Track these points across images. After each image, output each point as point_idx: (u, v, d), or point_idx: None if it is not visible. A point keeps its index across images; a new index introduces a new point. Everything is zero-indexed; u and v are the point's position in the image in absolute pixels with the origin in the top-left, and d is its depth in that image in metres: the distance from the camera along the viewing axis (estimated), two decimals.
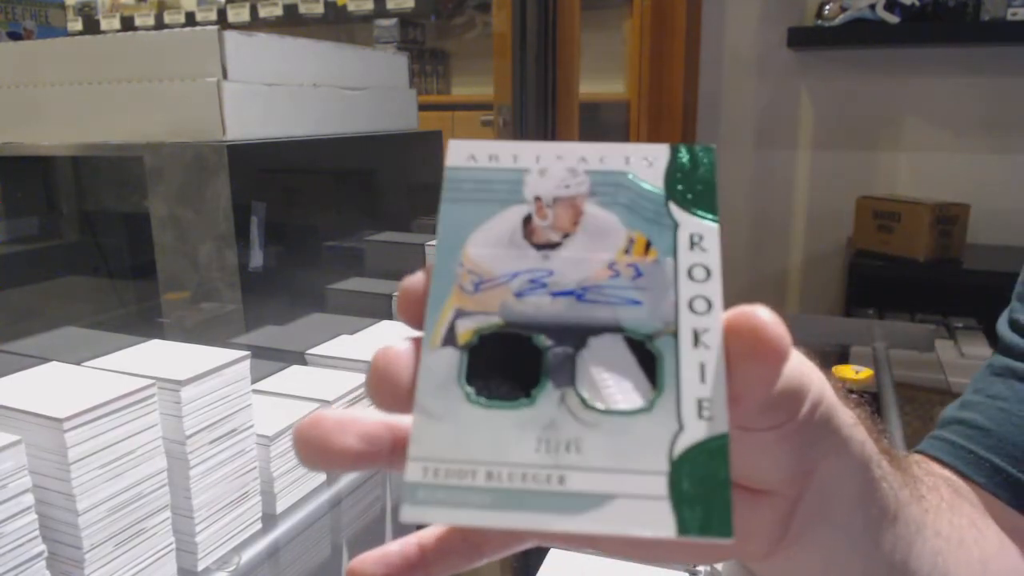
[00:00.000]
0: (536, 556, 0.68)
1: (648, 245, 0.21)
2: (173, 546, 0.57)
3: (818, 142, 2.28)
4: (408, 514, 0.18)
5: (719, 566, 0.66)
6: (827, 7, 2.05)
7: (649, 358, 0.20)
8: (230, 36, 0.81)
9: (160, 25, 3.01)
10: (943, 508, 0.36)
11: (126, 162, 0.88)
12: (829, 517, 0.27)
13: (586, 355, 0.20)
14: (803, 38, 2.14)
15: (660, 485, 0.18)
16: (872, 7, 1.97)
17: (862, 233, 2.05)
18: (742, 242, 2.38)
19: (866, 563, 0.29)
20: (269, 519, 0.66)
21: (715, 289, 0.20)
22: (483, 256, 0.21)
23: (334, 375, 0.77)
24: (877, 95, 2.18)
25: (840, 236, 2.24)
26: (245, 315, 0.80)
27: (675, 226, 0.21)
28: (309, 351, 0.82)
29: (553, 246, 0.21)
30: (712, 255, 0.21)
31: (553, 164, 0.22)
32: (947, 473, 0.45)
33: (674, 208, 0.21)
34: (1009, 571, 0.40)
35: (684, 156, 0.22)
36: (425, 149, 1.19)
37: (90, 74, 0.86)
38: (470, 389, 0.20)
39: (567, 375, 0.20)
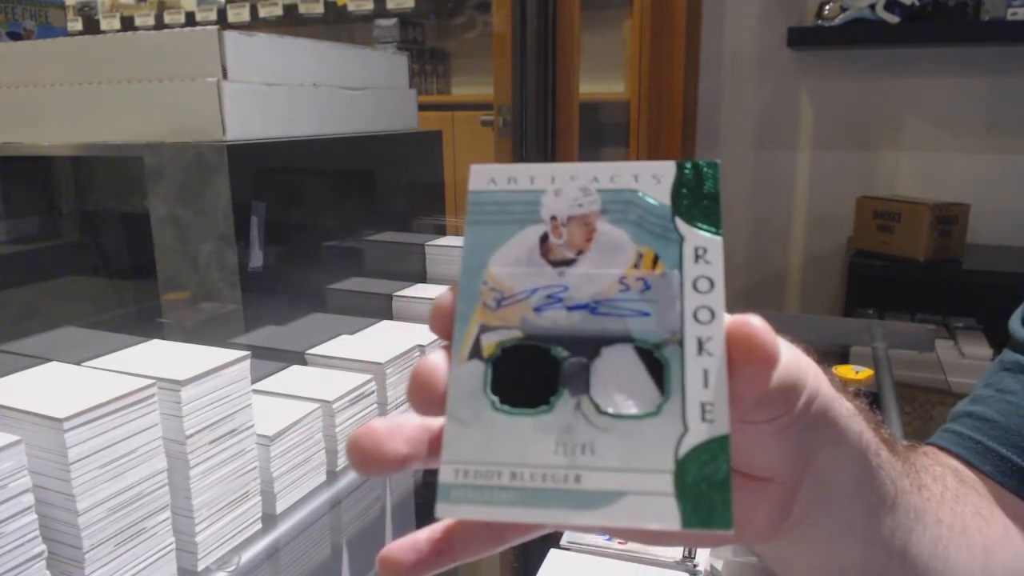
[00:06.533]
0: (536, 556, 0.68)
1: (656, 259, 0.23)
2: (173, 546, 0.57)
3: (818, 142, 2.28)
4: (441, 511, 0.21)
5: (719, 567, 0.66)
6: (827, 7, 2.05)
7: (657, 365, 0.22)
8: (230, 36, 0.81)
9: (160, 25, 3.01)
10: (947, 497, 0.37)
11: (126, 162, 0.88)
12: (828, 503, 0.28)
13: (599, 364, 0.22)
14: (803, 38, 2.14)
15: (667, 483, 0.20)
16: (872, 7, 1.96)
17: (862, 233, 2.04)
18: (742, 242, 2.38)
19: (865, 548, 0.30)
20: (269, 519, 0.66)
21: (718, 299, 0.22)
22: (504, 274, 0.23)
23: (334, 375, 0.77)
24: (877, 95, 2.18)
25: (840, 236, 2.24)
26: (245, 315, 0.80)
27: (681, 240, 0.23)
28: (309, 351, 0.82)
29: (568, 263, 0.23)
30: (715, 267, 0.22)
31: (567, 184, 0.24)
32: (955, 463, 0.46)
33: (680, 223, 0.23)
34: (1012, 558, 0.40)
35: (689, 172, 0.24)
36: (425, 149, 1.19)
37: (90, 74, 0.86)
38: (495, 398, 0.22)
39: (582, 383, 0.22)
